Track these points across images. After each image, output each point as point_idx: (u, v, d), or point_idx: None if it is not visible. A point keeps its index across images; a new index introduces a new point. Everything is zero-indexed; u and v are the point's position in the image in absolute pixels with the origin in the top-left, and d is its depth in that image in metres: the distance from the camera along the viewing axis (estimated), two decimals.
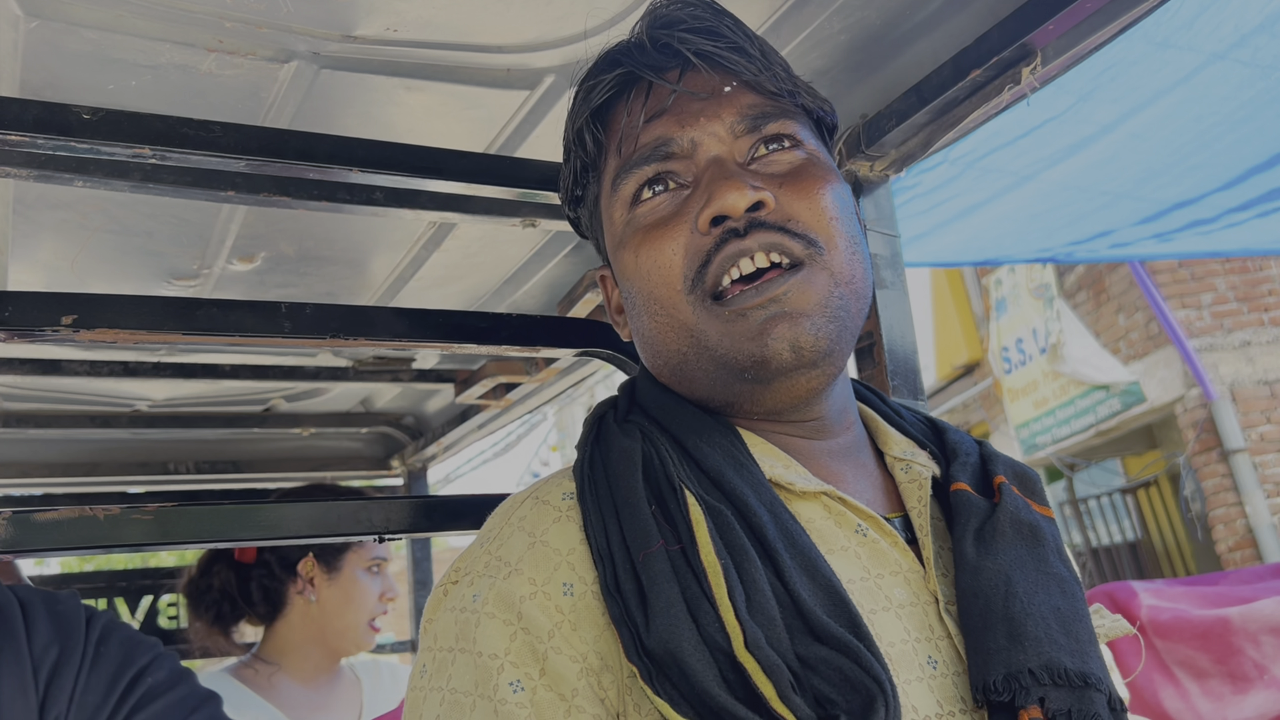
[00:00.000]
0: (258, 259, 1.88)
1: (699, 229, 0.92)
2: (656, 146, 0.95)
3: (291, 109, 1.44)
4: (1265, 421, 8.26)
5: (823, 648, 0.77)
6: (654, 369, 1.00)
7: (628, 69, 0.98)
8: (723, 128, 0.95)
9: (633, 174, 0.96)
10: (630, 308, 1.00)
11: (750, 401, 0.94)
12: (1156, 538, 9.41)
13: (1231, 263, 8.54)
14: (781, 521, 0.86)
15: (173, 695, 1.02)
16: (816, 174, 0.95)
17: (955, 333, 11.15)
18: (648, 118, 0.96)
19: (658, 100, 0.96)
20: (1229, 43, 2.06)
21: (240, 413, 2.79)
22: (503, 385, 2.46)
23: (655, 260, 0.93)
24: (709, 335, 0.91)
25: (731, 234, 0.90)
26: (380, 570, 2.31)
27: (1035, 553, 0.92)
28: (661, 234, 0.93)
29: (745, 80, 0.97)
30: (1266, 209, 2.92)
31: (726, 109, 0.96)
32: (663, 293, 0.93)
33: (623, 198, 0.98)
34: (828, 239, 0.92)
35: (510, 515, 0.91)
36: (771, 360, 0.89)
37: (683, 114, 0.96)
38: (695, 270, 0.91)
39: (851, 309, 0.93)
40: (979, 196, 2.76)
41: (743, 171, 0.93)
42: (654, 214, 0.95)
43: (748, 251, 0.90)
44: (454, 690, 0.83)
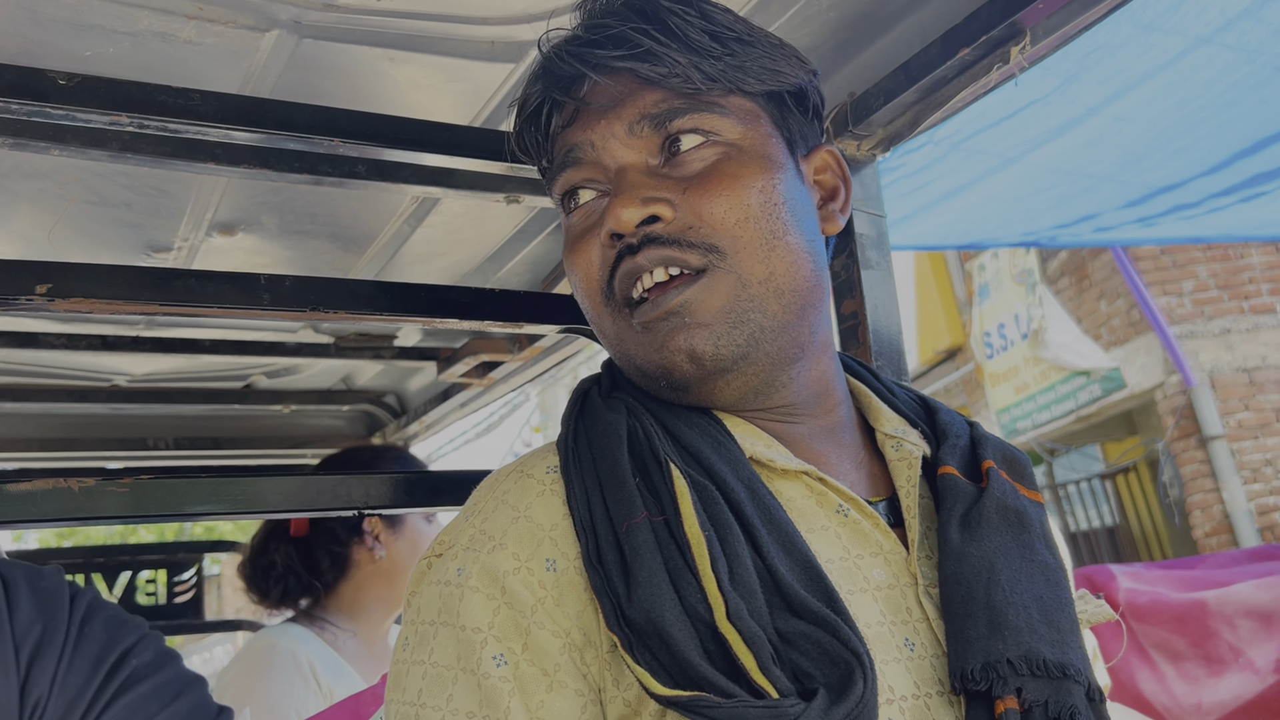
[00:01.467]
0: (238, 232, 1.86)
1: (604, 242, 0.93)
2: (566, 153, 0.97)
3: (272, 79, 1.42)
4: (1243, 409, 8.33)
5: (801, 622, 0.77)
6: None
7: (542, 84, 0.99)
8: (622, 129, 0.93)
9: (556, 180, 0.99)
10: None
11: (688, 401, 0.95)
12: (1135, 523, 9.49)
13: (1213, 250, 8.59)
14: (759, 498, 0.86)
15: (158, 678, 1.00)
16: (728, 171, 0.92)
17: (938, 317, 11.18)
18: (561, 126, 0.98)
19: (569, 109, 0.97)
20: (1215, 27, 2.06)
21: (220, 389, 2.77)
22: (485, 363, 2.45)
23: (580, 271, 0.96)
24: (627, 345, 0.94)
25: (627, 250, 0.91)
26: (434, 519, 2.33)
27: (1021, 539, 0.92)
28: (583, 244, 0.96)
29: (653, 79, 0.93)
30: (1249, 194, 2.93)
31: (627, 110, 0.93)
32: (589, 302, 0.97)
33: (561, 202, 1.00)
34: (732, 241, 0.90)
35: (494, 489, 0.91)
36: (674, 371, 0.90)
37: (587, 120, 0.95)
38: (605, 281, 0.94)
39: (770, 307, 0.90)
40: (964, 178, 2.76)
41: (643, 182, 0.91)
42: (581, 223, 0.98)
43: (640, 270, 0.91)
44: (436, 664, 0.83)
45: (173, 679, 1.02)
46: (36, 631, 0.97)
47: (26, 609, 0.98)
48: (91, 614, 1.03)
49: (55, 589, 1.03)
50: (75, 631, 1.00)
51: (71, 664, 0.97)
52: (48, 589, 1.02)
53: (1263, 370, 8.42)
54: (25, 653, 0.96)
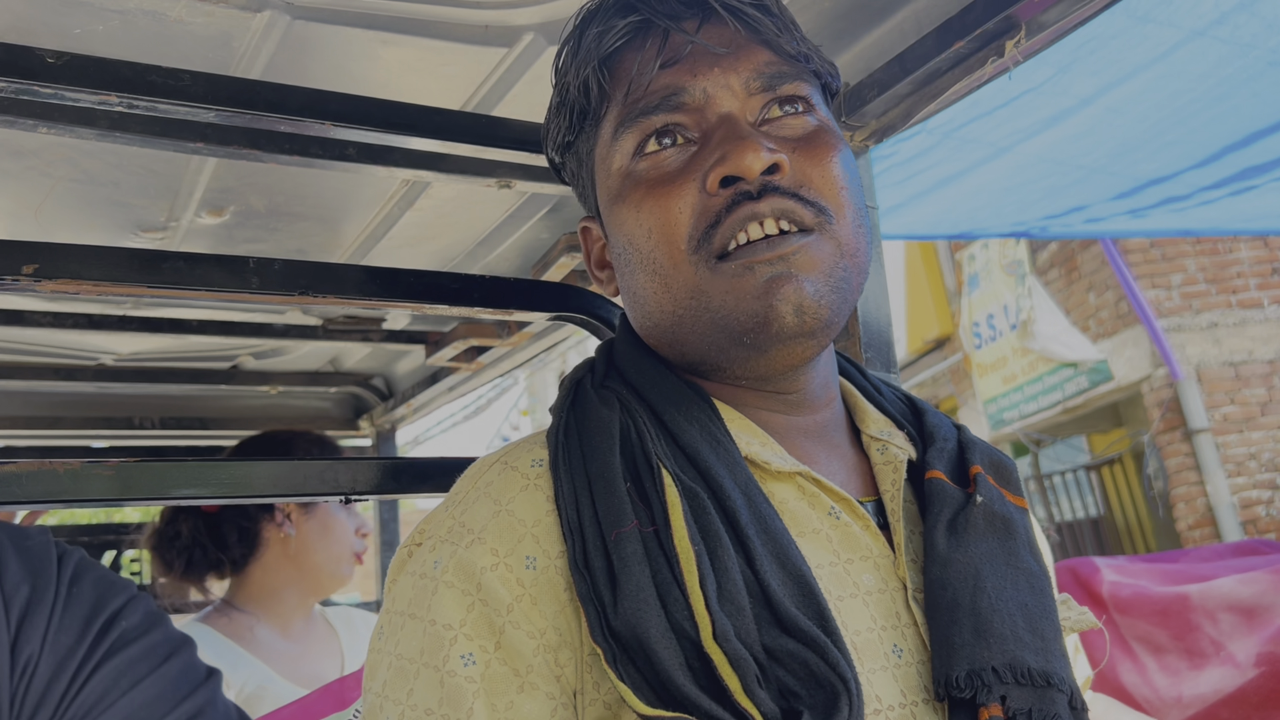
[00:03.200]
0: (227, 213, 1.85)
1: (708, 189, 0.88)
2: (667, 95, 0.91)
3: (263, 60, 1.41)
4: (1229, 402, 8.37)
5: (790, 640, 0.76)
6: (642, 329, 0.98)
7: (643, 15, 0.94)
8: (738, 82, 0.92)
9: (638, 123, 0.92)
10: (623, 264, 0.96)
11: (741, 366, 0.92)
12: (1119, 514, 9.54)
13: (1202, 244, 8.62)
14: (755, 505, 0.84)
15: (147, 640, 0.99)
16: (829, 141, 0.92)
17: (927, 307, 11.20)
18: (660, 66, 0.92)
19: (672, 49, 0.92)
20: (1209, 19, 2.06)
21: (207, 369, 2.76)
22: (474, 348, 2.44)
23: (660, 218, 0.90)
24: (711, 295, 0.88)
25: (744, 196, 0.87)
26: (351, 507, 2.31)
27: (1006, 546, 0.92)
28: (667, 191, 0.90)
29: (764, 38, 0.93)
30: (1240, 187, 2.93)
31: (743, 64, 0.92)
32: (664, 251, 0.90)
33: (624, 148, 0.94)
34: (837, 208, 0.90)
35: (477, 480, 0.89)
36: (773, 321, 0.86)
37: (697, 64, 0.92)
38: (703, 231, 0.88)
39: (853, 282, 0.91)
40: (955, 167, 2.76)
41: (757, 132, 0.90)
42: (659, 169, 0.92)
43: (759, 216, 0.87)
44: (400, 656, 0.82)
45: (162, 641, 1.01)
46: (25, 591, 0.96)
47: (14, 568, 0.97)
48: (80, 574, 1.02)
49: (42, 548, 1.02)
50: (64, 591, 0.99)
51: (62, 623, 0.96)
52: (34, 548, 1.01)
53: (1249, 364, 8.46)
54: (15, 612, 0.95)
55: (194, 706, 0.97)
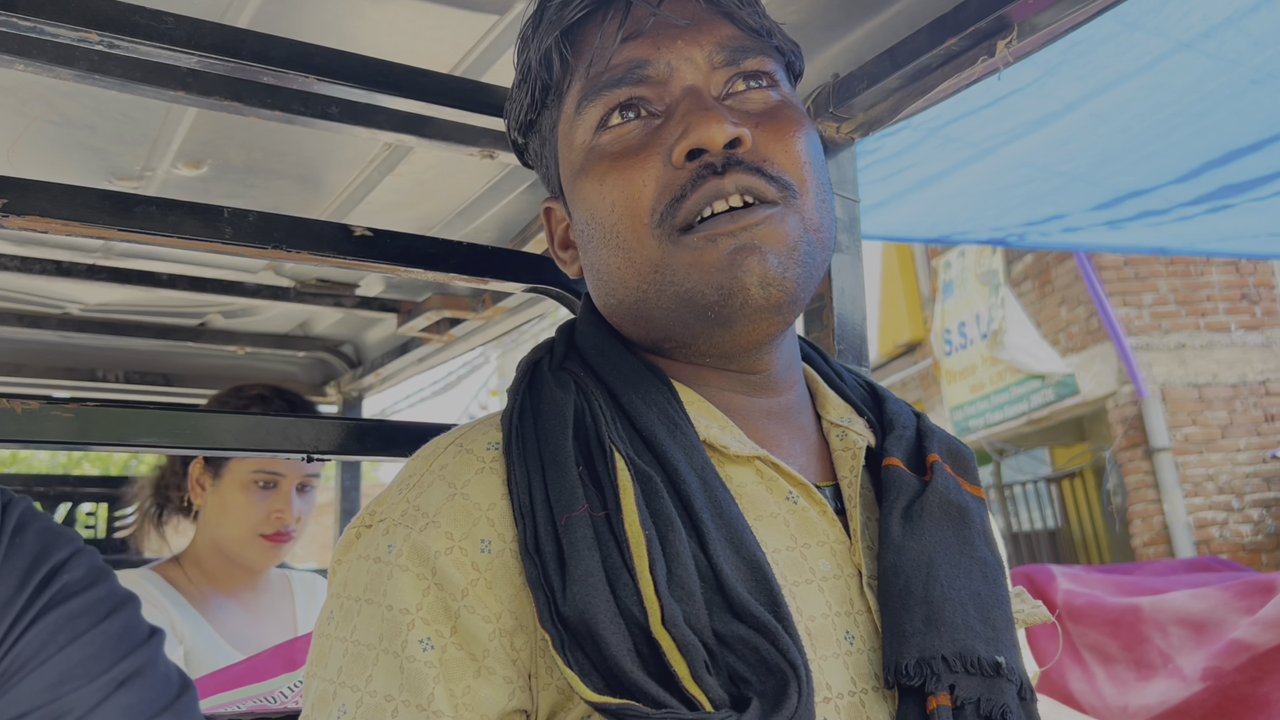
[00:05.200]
0: (204, 165, 1.82)
1: (673, 162, 0.87)
2: (630, 68, 0.91)
3: (251, 11, 1.39)
4: (1191, 423, 8.47)
5: (741, 626, 0.76)
6: (605, 307, 0.97)
7: None
8: (701, 55, 0.91)
9: (602, 96, 0.92)
10: (585, 240, 0.95)
11: (706, 343, 0.91)
12: (1076, 527, 9.63)
13: (1174, 265, 8.70)
14: (711, 490, 0.84)
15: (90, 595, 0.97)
16: (792, 116, 0.92)
17: (900, 311, 11.25)
18: (622, 39, 0.91)
19: (635, 22, 0.92)
20: (1196, 32, 2.07)
21: (174, 324, 2.72)
22: (447, 320, 2.43)
23: (623, 191, 0.89)
24: (675, 268, 0.87)
25: (709, 170, 0.86)
26: (273, 485, 2.17)
27: (961, 535, 0.92)
28: (631, 164, 0.89)
29: (726, 11, 0.93)
30: (1217, 205, 2.95)
31: (706, 37, 0.92)
32: (627, 225, 0.89)
33: (587, 122, 0.93)
34: (800, 183, 0.90)
35: (432, 462, 0.88)
36: (737, 293, 0.85)
37: (660, 38, 0.91)
38: (666, 204, 0.87)
39: (816, 258, 0.90)
40: (938, 167, 2.76)
41: (720, 105, 0.90)
42: (622, 142, 0.91)
43: (724, 192, 0.86)
44: (357, 642, 0.81)
45: (105, 596, 0.99)
46: None
47: None
48: (24, 524, 1.00)
49: None
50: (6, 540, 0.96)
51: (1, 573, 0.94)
52: None
53: (1212, 387, 8.56)
54: None
55: (133, 665, 0.95)
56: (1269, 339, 8.74)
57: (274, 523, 2.16)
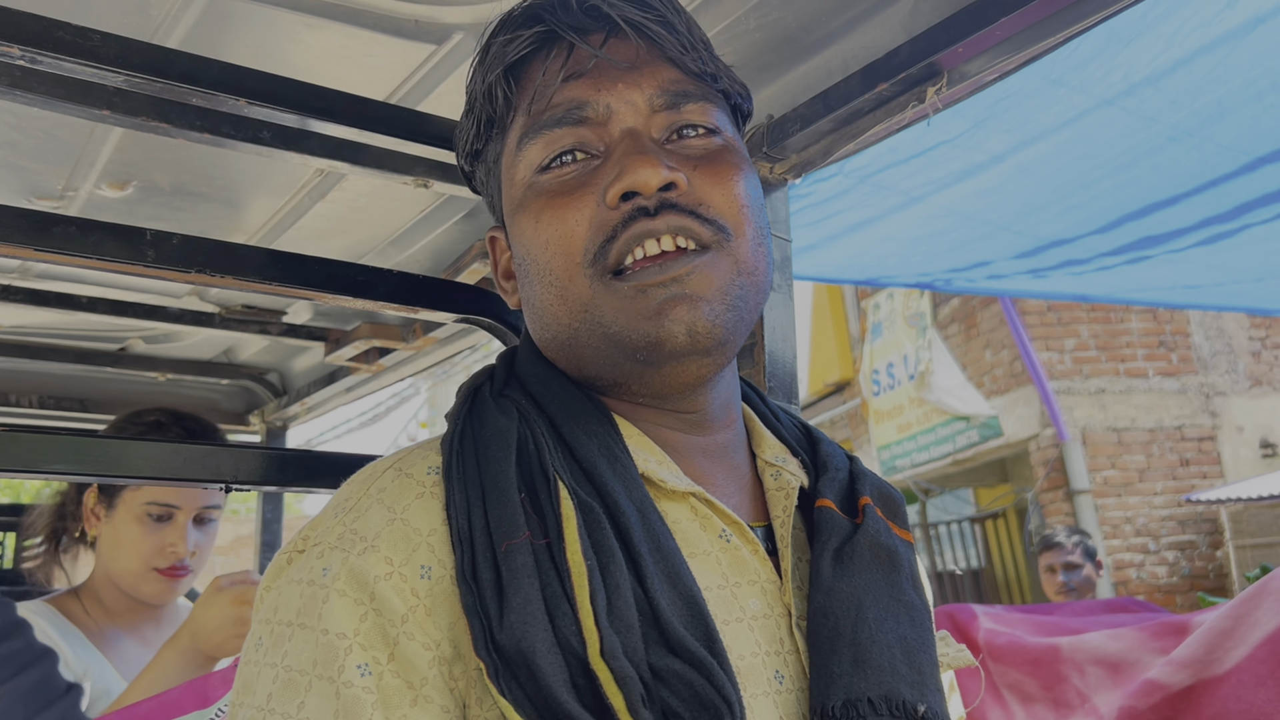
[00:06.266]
0: (129, 187, 1.79)
1: (607, 203, 0.88)
2: (570, 109, 0.91)
3: (181, 32, 1.37)
4: (1110, 466, 8.66)
5: (676, 661, 0.75)
6: (541, 341, 0.97)
7: (549, 27, 0.93)
8: (641, 99, 0.92)
9: (542, 135, 0.92)
10: (523, 275, 0.95)
11: (638, 383, 0.92)
12: (999, 567, 9.77)
13: (1095, 312, 8.93)
14: (649, 523, 0.83)
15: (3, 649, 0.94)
16: (732, 160, 0.93)
17: (830, 351, 11.38)
18: (564, 78, 0.92)
19: (577, 62, 0.92)
20: (1118, 90, 2.14)
21: (93, 349, 2.65)
22: (376, 349, 2.40)
23: (556, 230, 0.89)
24: (604, 311, 0.88)
25: (641, 212, 0.87)
26: (168, 518, 2.06)
27: (890, 578, 0.92)
28: (566, 203, 0.90)
29: (669, 55, 0.94)
30: (1136, 256, 3.05)
31: (647, 80, 0.92)
32: (560, 264, 0.89)
33: (528, 159, 0.93)
34: (737, 225, 0.90)
35: (369, 486, 0.86)
36: (666, 342, 0.86)
37: (601, 79, 0.92)
38: (599, 245, 0.88)
39: (750, 301, 0.91)
40: (868, 213, 2.81)
41: (658, 149, 0.90)
42: (559, 180, 0.91)
43: (655, 233, 0.87)
44: (289, 668, 0.78)
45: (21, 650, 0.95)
46: None
47: None
48: None
49: None
50: None
51: None
52: None
53: (1131, 431, 8.78)
54: None
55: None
56: (1184, 385, 9.00)
57: (168, 556, 2.05)
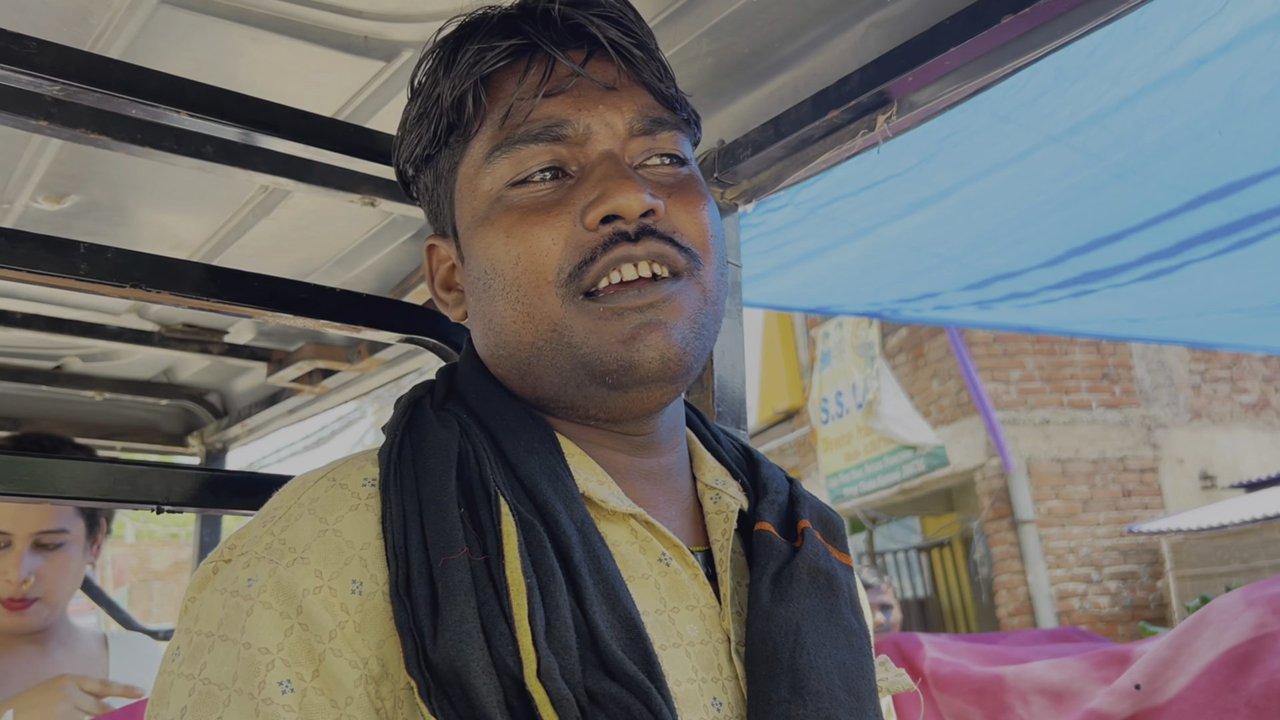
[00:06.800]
0: (66, 200, 1.74)
1: (585, 224, 0.87)
2: (549, 126, 0.90)
3: (123, 42, 1.34)
4: (1054, 497, 8.77)
5: (614, 684, 0.74)
6: (491, 358, 0.95)
7: (529, 40, 0.92)
8: (621, 122, 0.92)
9: (516, 150, 0.90)
10: (481, 288, 0.93)
11: (596, 405, 0.91)
12: (944, 596, 9.84)
13: (1041, 344, 9.07)
14: (590, 544, 0.82)
15: None
16: (701, 190, 0.94)
17: (780, 379, 11.44)
18: (543, 94, 0.91)
19: (556, 79, 0.91)
20: (1064, 127, 2.18)
21: (27, 367, 2.58)
22: (320, 370, 2.35)
23: (529, 246, 0.88)
24: (575, 331, 0.87)
25: (622, 237, 0.87)
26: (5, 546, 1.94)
27: (829, 603, 0.92)
28: (541, 220, 0.88)
29: (645, 80, 0.94)
30: (1080, 290, 3.11)
31: (627, 104, 0.92)
32: (530, 281, 0.88)
33: (498, 172, 0.91)
34: (705, 255, 0.91)
35: (301, 495, 0.84)
36: (638, 367, 0.86)
37: (581, 98, 0.91)
38: (575, 265, 0.87)
39: (712, 329, 0.92)
40: (818, 243, 2.83)
41: (637, 174, 0.90)
42: (533, 197, 0.90)
43: (635, 258, 0.87)
44: (207, 680, 0.75)
45: None
46: None
47: None
48: None
49: None
50: None
51: None
52: None
53: (1074, 462, 8.90)
54: None
55: None
56: (1127, 418, 9.15)
57: (3, 587, 1.93)
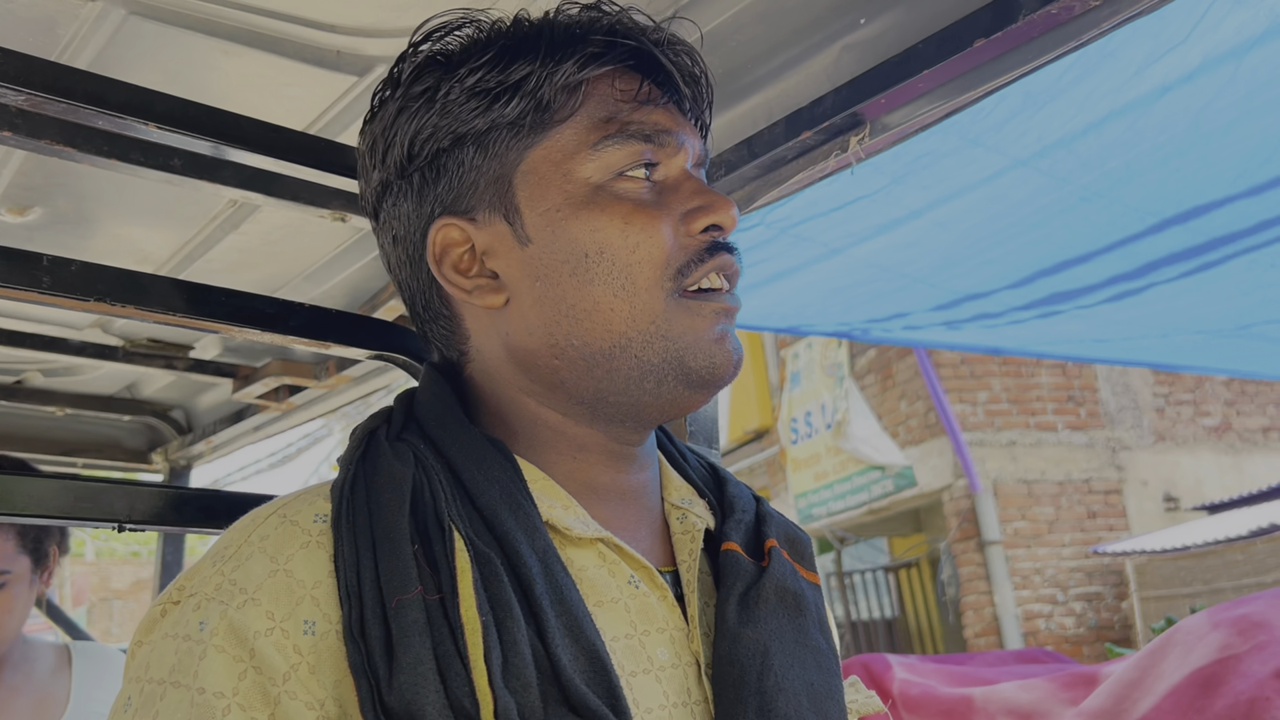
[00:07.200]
0: (30, 212, 1.72)
1: (688, 229, 0.91)
2: (658, 130, 0.93)
3: (90, 53, 1.32)
4: (1020, 518, 8.83)
5: (576, 719, 0.73)
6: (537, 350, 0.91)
7: (646, 49, 0.95)
8: (697, 147, 0.98)
9: (630, 144, 0.92)
10: (565, 274, 0.90)
11: (657, 405, 0.92)
12: (912, 617, 9.87)
13: (1008, 365, 9.14)
14: (552, 575, 0.81)
15: None
16: None
17: (750, 399, 11.47)
18: (649, 101, 0.95)
19: (657, 92, 0.96)
20: (1031, 151, 2.20)
21: None
22: (287, 387, 2.32)
23: (650, 236, 0.90)
24: (673, 324, 0.90)
25: (723, 247, 0.92)
26: None
27: (796, 623, 0.92)
28: (655, 215, 0.91)
29: (705, 125, 1.02)
30: (1047, 311, 3.14)
31: (695, 136, 0.98)
32: (647, 270, 0.90)
33: (607, 161, 0.91)
34: None
35: (251, 533, 0.82)
36: (719, 367, 0.91)
37: (676, 116, 0.96)
38: (681, 264, 0.91)
39: None
40: (789, 263, 2.84)
41: None
42: (638, 193, 0.92)
43: (730, 268, 0.93)
44: None
45: None
46: None
47: None
48: None
49: None
50: None
51: None
52: None
53: (1041, 484, 8.97)
54: None
55: None
56: (1092, 439, 9.23)
57: None
